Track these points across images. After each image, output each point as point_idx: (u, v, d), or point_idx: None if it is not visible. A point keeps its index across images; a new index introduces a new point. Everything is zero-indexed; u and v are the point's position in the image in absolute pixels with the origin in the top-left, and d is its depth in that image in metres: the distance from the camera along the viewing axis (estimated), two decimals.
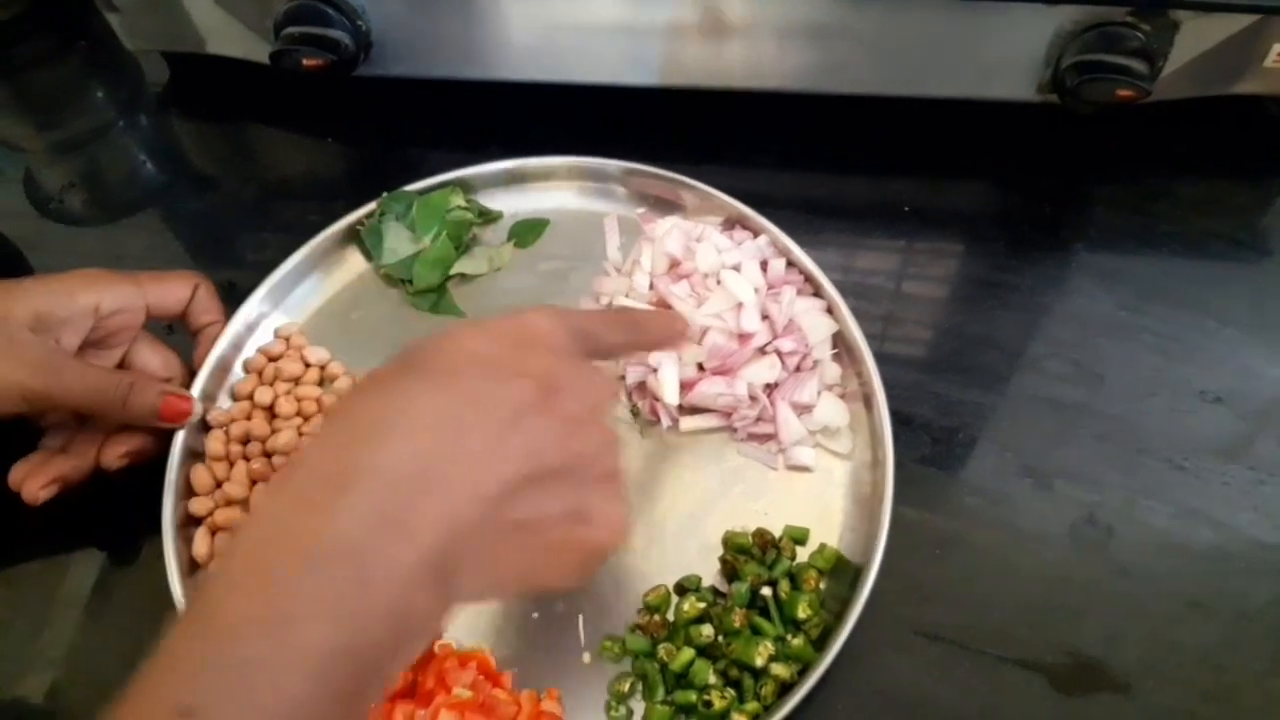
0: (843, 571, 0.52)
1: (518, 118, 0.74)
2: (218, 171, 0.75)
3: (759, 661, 0.48)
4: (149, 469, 0.54)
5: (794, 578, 0.52)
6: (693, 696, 0.48)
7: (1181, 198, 0.68)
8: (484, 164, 0.67)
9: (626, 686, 0.50)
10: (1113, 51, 0.59)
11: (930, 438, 0.58)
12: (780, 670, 0.48)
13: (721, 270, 0.58)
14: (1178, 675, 0.49)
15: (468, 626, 0.52)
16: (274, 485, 0.36)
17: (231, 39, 0.72)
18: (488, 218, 0.67)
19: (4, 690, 0.52)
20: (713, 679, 0.49)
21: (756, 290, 0.58)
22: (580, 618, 0.52)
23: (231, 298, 0.61)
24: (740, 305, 0.57)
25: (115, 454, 0.53)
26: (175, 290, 0.57)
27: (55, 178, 0.75)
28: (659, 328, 0.50)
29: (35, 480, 0.52)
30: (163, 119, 0.80)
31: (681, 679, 0.49)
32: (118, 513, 0.56)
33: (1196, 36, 0.60)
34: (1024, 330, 0.62)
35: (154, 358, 0.57)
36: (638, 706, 0.49)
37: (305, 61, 0.65)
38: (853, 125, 0.72)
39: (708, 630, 0.50)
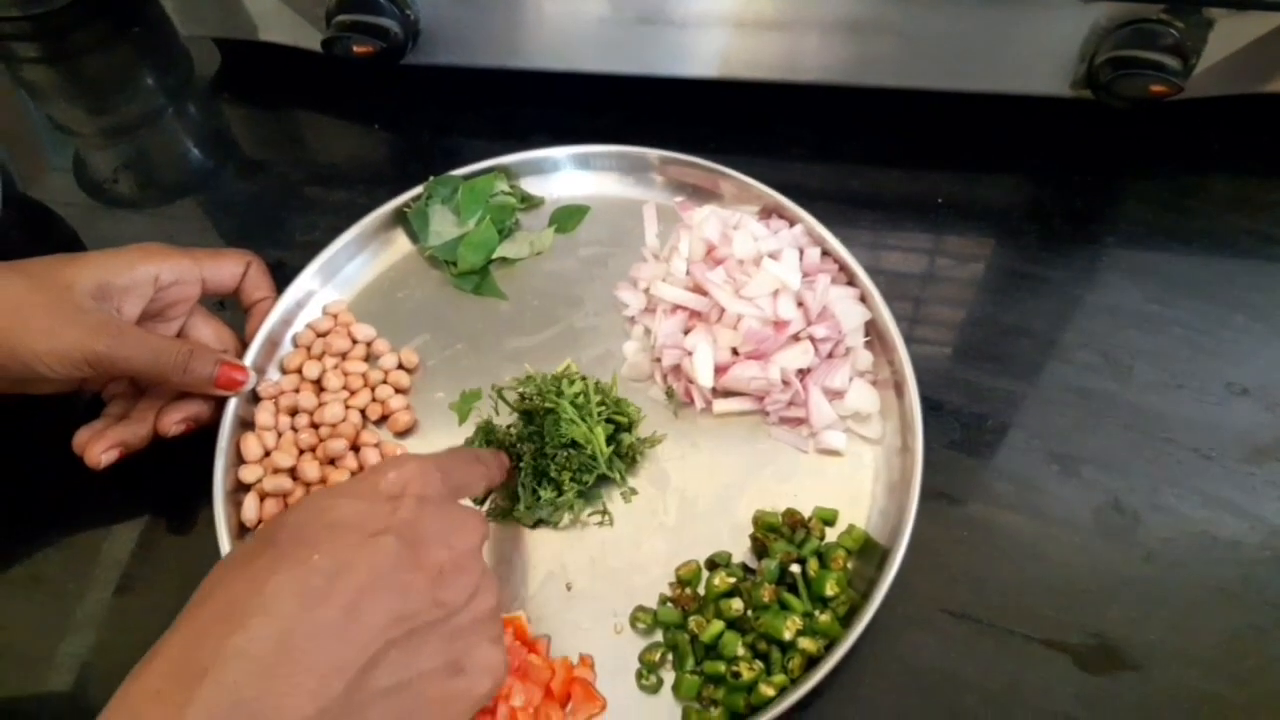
0: (871, 552, 0.53)
1: (560, 106, 0.75)
2: (267, 156, 0.77)
3: (787, 635, 0.49)
4: (201, 439, 0.56)
5: (822, 557, 0.52)
6: (721, 667, 0.49)
7: (1213, 194, 0.68)
8: (527, 151, 0.68)
9: (657, 656, 0.51)
10: (1147, 48, 0.60)
11: (960, 424, 0.58)
12: (808, 644, 0.49)
13: (764, 259, 0.59)
14: (1201, 658, 0.50)
15: (504, 595, 0.53)
16: (131, 675, 0.35)
17: (283, 26, 0.73)
18: (530, 203, 0.69)
19: (52, 649, 0.54)
20: (741, 651, 0.49)
21: None
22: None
23: (281, 276, 0.63)
24: (777, 292, 0.58)
25: (173, 420, 0.55)
26: (229, 266, 0.59)
27: (106, 162, 0.77)
28: (492, 461, 0.51)
29: (97, 445, 0.53)
30: (213, 105, 0.82)
31: (711, 650, 0.50)
32: (170, 480, 0.58)
33: (1230, 34, 0.61)
34: (1054, 321, 0.62)
35: (208, 331, 0.59)
36: (668, 676, 0.51)
37: (355, 48, 0.67)
38: (888, 118, 0.73)
39: (737, 604, 0.51)
